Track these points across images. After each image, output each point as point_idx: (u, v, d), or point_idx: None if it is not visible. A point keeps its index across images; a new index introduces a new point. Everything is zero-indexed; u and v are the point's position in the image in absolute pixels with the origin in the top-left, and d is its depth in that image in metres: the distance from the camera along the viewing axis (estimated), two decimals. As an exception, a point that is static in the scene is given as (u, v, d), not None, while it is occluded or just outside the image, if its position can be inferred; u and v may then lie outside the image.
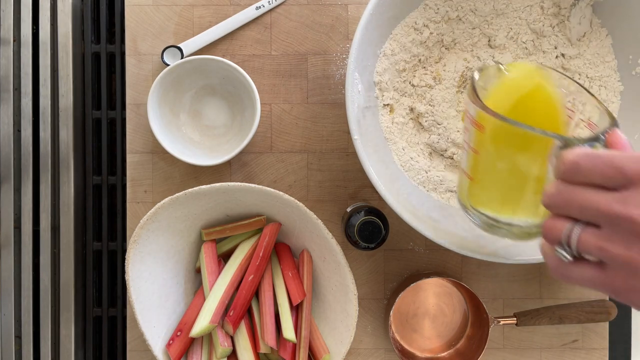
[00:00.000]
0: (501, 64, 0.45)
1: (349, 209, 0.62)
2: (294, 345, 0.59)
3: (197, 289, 0.64)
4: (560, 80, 0.44)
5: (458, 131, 0.61)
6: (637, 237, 0.28)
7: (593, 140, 0.35)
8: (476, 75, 0.43)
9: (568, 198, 0.31)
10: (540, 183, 0.39)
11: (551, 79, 0.44)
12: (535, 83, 0.44)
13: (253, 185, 0.57)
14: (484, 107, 0.40)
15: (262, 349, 0.59)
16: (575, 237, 0.31)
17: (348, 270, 0.58)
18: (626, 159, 0.29)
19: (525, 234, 0.43)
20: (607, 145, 0.35)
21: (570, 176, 0.31)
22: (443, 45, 0.62)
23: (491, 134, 0.41)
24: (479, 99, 0.41)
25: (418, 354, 0.66)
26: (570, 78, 0.44)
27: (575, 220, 0.31)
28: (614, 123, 0.37)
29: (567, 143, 0.34)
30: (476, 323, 0.64)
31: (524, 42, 0.61)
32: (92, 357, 0.68)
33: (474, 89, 0.42)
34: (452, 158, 0.61)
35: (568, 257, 0.32)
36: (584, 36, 0.60)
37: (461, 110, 0.62)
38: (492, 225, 0.45)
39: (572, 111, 0.43)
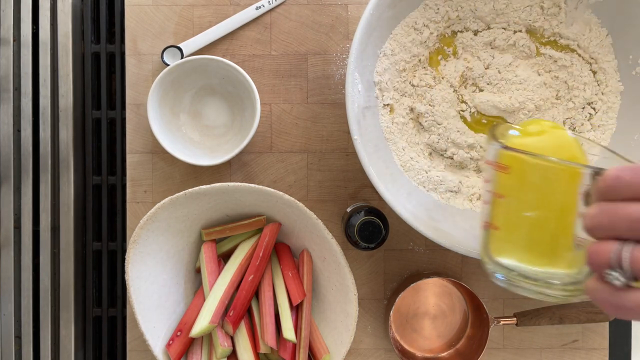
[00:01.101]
0: (515, 126, 0.45)
1: (349, 209, 0.62)
2: (294, 345, 0.59)
3: (197, 289, 0.64)
4: (583, 143, 0.43)
5: (458, 131, 0.61)
6: None
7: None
8: (496, 129, 0.43)
9: (613, 215, 0.29)
10: (571, 226, 0.37)
11: (572, 141, 0.43)
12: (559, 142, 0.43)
13: (253, 185, 0.57)
14: (508, 147, 0.39)
15: (262, 349, 0.59)
16: (627, 256, 0.28)
17: (348, 270, 0.58)
18: None
19: (566, 290, 0.39)
20: None
21: (614, 192, 0.29)
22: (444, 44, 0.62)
23: (518, 172, 0.40)
24: (499, 140, 0.40)
25: (418, 354, 0.65)
26: (592, 141, 0.43)
27: (624, 240, 0.29)
28: None
29: (599, 172, 0.33)
30: (476, 323, 0.64)
31: (521, 46, 0.61)
32: (92, 357, 0.68)
33: (493, 134, 0.41)
34: (452, 158, 0.61)
35: (621, 279, 0.28)
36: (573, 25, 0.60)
37: (461, 110, 0.62)
38: (525, 283, 0.41)
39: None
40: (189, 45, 0.64)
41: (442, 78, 0.62)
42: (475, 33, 0.62)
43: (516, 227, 0.41)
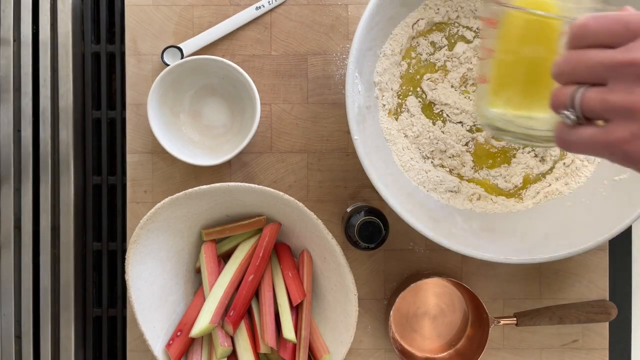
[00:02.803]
0: None
1: (349, 209, 0.62)
2: (294, 345, 0.59)
3: (197, 289, 0.64)
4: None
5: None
6: (638, 80, 0.28)
7: None
8: None
9: (575, 61, 0.31)
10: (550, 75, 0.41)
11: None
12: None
13: (253, 185, 0.57)
14: (497, 2, 0.43)
15: (262, 349, 0.59)
16: (579, 97, 0.31)
17: (348, 270, 0.58)
18: (632, 16, 0.29)
19: (544, 138, 0.44)
20: None
21: (579, 40, 0.31)
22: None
23: (505, 26, 0.43)
24: None
25: (418, 354, 0.65)
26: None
27: (582, 84, 0.31)
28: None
29: (573, 21, 0.35)
30: (476, 323, 0.64)
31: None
32: (92, 358, 0.68)
33: None
34: (452, 158, 0.62)
35: (571, 117, 0.32)
36: None
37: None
38: (511, 131, 0.45)
39: None
40: (189, 45, 0.64)
41: (444, 78, 0.62)
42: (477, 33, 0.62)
43: (503, 78, 0.45)
